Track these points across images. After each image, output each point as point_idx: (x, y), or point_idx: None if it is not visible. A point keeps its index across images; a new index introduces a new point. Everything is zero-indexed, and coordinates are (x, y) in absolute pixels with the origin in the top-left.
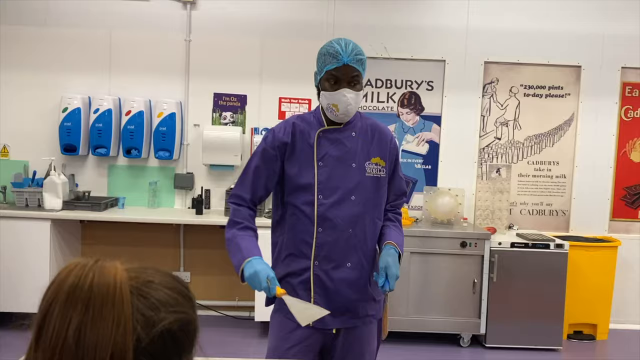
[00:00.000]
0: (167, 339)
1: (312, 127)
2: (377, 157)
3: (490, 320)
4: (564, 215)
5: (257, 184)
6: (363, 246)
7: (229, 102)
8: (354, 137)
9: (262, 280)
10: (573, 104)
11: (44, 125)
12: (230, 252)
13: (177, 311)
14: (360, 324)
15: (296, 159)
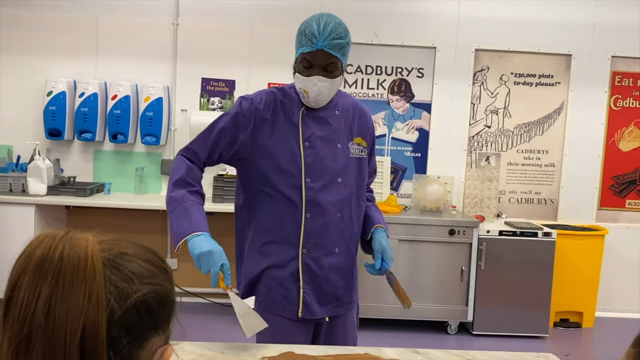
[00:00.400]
0: (141, 311)
1: (294, 104)
2: (359, 137)
3: (477, 308)
4: (552, 203)
5: (217, 146)
6: (350, 230)
7: (217, 88)
8: (337, 115)
9: (217, 264)
10: (563, 92)
11: (28, 109)
12: (173, 214)
13: (152, 283)
14: (345, 310)
15: (278, 137)
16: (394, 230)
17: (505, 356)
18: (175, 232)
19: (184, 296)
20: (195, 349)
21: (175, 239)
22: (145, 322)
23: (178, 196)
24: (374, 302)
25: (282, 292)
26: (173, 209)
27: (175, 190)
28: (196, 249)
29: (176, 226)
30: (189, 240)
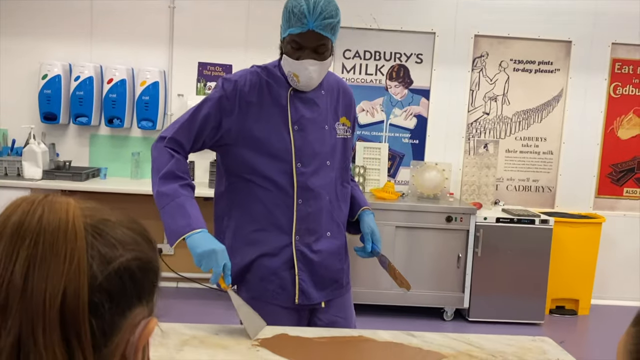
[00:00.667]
0: (125, 278)
1: (281, 85)
2: (344, 116)
3: (473, 295)
4: (550, 191)
5: (201, 134)
6: (339, 213)
7: (213, 72)
8: (323, 95)
9: (220, 264)
10: (562, 79)
11: (23, 93)
12: (166, 210)
13: (135, 250)
14: (344, 292)
15: (265, 121)
16: (391, 217)
17: (501, 339)
18: (170, 230)
19: (181, 281)
20: (188, 331)
21: (171, 236)
22: (128, 290)
23: (169, 191)
24: (369, 288)
25: (277, 281)
26: (165, 205)
27: (165, 185)
28: (198, 248)
29: (171, 223)
30: (188, 238)
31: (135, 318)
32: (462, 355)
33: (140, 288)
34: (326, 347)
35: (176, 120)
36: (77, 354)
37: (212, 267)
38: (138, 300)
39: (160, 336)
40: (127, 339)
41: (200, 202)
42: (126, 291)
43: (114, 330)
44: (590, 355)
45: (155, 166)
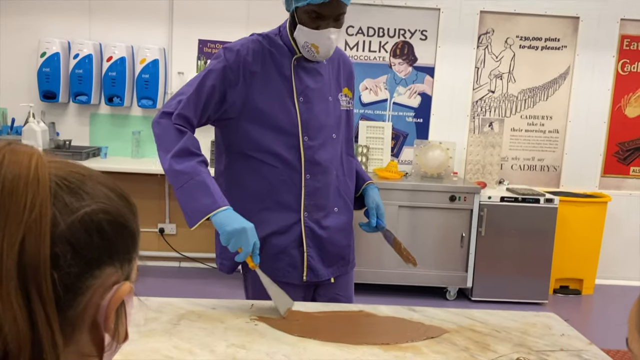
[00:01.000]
0: (91, 231)
1: (283, 54)
2: (346, 87)
3: (477, 274)
4: (555, 170)
5: (207, 108)
6: (346, 188)
7: (214, 49)
8: (325, 65)
9: (250, 243)
10: (569, 56)
11: (22, 71)
12: (186, 189)
13: (105, 204)
14: (349, 269)
15: (270, 92)
16: (394, 197)
17: (505, 315)
18: (192, 209)
19: (183, 261)
20: (186, 305)
21: (194, 215)
22: (95, 245)
23: (187, 169)
24: (372, 268)
25: (286, 259)
26: (184, 184)
27: (181, 162)
28: (227, 226)
29: (193, 202)
30: (215, 216)
31: (106, 280)
32: (465, 330)
33: (111, 246)
34: (326, 322)
35: (178, 93)
36: (36, 308)
37: (241, 245)
38: (109, 260)
39: (156, 311)
40: (97, 302)
41: None
42: (93, 246)
43: (81, 289)
44: (595, 334)
45: (163, 144)
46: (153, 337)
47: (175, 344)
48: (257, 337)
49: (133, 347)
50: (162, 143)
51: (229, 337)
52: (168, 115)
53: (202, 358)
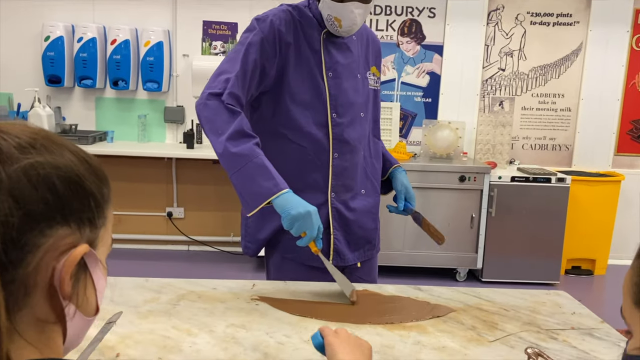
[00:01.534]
0: (40, 186)
1: (313, 27)
2: (374, 66)
3: (487, 255)
4: (567, 150)
5: (252, 84)
6: (372, 169)
7: (219, 31)
8: (355, 41)
9: (315, 227)
10: (582, 32)
11: (26, 56)
12: (244, 172)
13: (57, 159)
14: (374, 254)
15: (299, 66)
16: None
17: (514, 293)
18: (252, 192)
19: (192, 245)
20: (186, 286)
21: (255, 199)
22: (43, 199)
23: (245, 151)
24: (381, 249)
25: None
26: (242, 167)
27: (238, 145)
28: (292, 209)
29: (252, 185)
30: (278, 198)
31: (60, 241)
32: (472, 309)
33: (63, 205)
34: (331, 304)
35: (220, 72)
36: None
37: (306, 229)
38: (62, 219)
39: (156, 291)
40: (52, 265)
41: (209, 165)
42: (40, 200)
43: (28, 246)
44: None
45: (213, 126)
46: (151, 317)
47: (174, 324)
48: (258, 317)
49: (130, 327)
50: (213, 125)
51: (228, 317)
52: (215, 96)
53: (201, 338)
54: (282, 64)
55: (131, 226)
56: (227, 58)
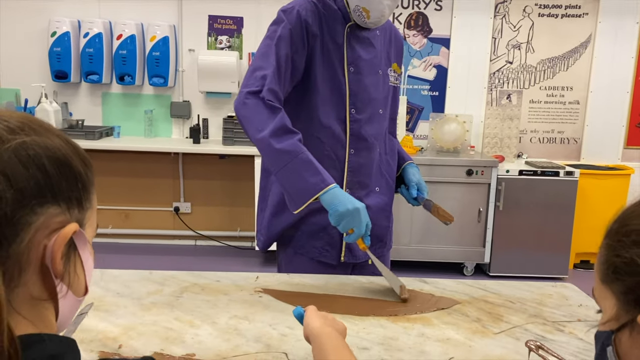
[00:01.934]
0: (29, 166)
1: (337, 19)
2: (395, 63)
3: (494, 249)
4: (576, 143)
5: (287, 79)
6: (387, 167)
7: (224, 25)
8: (378, 36)
9: (363, 224)
10: (591, 24)
11: (33, 52)
12: (291, 169)
13: (46, 141)
14: (386, 252)
15: (323, 59)
16: None
17: (520, 285)
18: (298, 189)
19: (199, 239)
20: (190, 278)
21: (300, 196)
22: (34, 178)
23: (289, 147)
24: None
25: (325, 238)
26: (287, 163)
27: (282, 141)
28: (340, 206)
29: (299, 181)
30: (326, 194)
31: (50, 219)
32: (477, 301)
33: (53, 184)
34: (334, 296)
35: (255, 68)
36: None
37: (353, 226)
38: (52, 198)
39: (160, 283)
40: (43, 243)
41: (215, 160)
42: (30, 179)
43: (20, 223)
44: None
45: (254, 124)
46: (154, 309)
47: (177, 316)
48: (261, 308)
49: (133, 319)
50: (253, 123)
51: (231, 309)
52: (254, 94)
53: (203, 330)
54: (309, 56)
55: (138, 221)
56: (259, 54)
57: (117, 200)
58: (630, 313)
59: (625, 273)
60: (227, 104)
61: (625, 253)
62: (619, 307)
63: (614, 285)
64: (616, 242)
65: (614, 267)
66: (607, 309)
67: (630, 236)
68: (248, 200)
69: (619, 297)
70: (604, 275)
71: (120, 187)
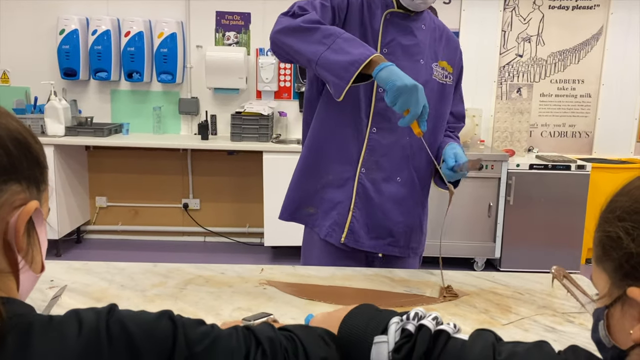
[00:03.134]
0: None
1: (378, 4)
2: (445, 61)
3: (505, 244)
4: (588, 137)
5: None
6: (416, 161)
7: (232, 21)
8: (423, 30)
9: (420, 104)
10: (602, 16)
11: (42, 50)
12: (333, 49)
13: (7, 123)
14: (403, 254)
15: (357, 35)
16: None
17: (529, 277)
18: (344, 62)
19: (208, 236)
20: (194, 270)
21: (346, 70)
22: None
23: (328, 29)
24: None
25: (335, 217)
26: (329, 46)
27: (320, 25)
28: (398, 80)
29: (340, 56)
30: (383, 71)
31: (12, 197)
32: (486, 292)
33: (14, 164)
34: (339, 287)
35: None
36: None
37: (410, 106)
38: (14, 177)
39: (164, 276)
40: (5, 219)
41: (223, 156)
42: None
43: None
44: None
45: (284, 27)
46: (158, 301)
47: (181, 307)
48: (265, 300)
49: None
50: (283, 30)
51: (235, 300)
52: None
53: (207, 321)
54: (345, 28)
55: (147, 218)
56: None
57: (126, 197)
58: (621, 287)
59: (612, 249)
60: (235, 100)
61: (611, 228)
62: (611, 284)
63: (606, 264)
64: (604, 221)
65: (603, 245)
66: (600, 288)
67: (615, 212)
68: (257, 196)
69: (610, 274)
70: (596, 255)
71: (129, 184)
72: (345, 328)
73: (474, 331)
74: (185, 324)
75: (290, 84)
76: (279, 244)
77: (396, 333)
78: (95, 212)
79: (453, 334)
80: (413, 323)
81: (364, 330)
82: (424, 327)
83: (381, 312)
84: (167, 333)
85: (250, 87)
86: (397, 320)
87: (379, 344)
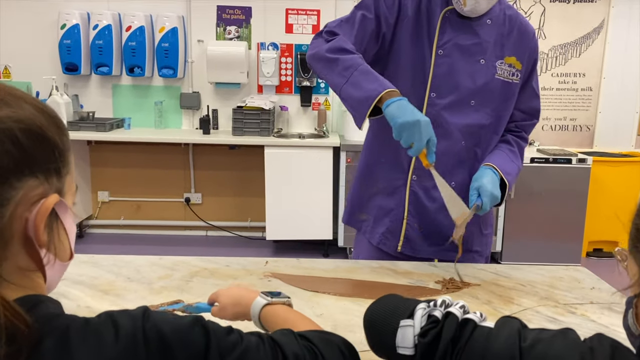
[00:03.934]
0: (3, 140)
1: (437, 2)
2: (513, 56)
3: (506, 238)
4: (589, 130)
5: (360, 37)
6: (473, 164)
7: (233, 15)
8: (488, 25)
9: (424, 139)
10: (603, 9)
11: (44, 44)
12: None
13: (19, 113)
14: (464, 259)
15: (412, 37)
16: None
17: (531, 269)
18: (358, 99)
19: (210, 230)
20: (199, 263)
21: (362, 104)
22: (9, 154)
23: (347, 61)
24: None
25: (387, 224)
26: (343, 68)
27: (341, 55)
28: (399, 117)
29: (356, 91)
30: (390, 107)
31: (29, 192)
32: (488, 284)
33: (29, 157)
34: (344, 279)
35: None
36: None
37: (414, 140)
38: (29, 171)
39: (170, 268)
40: (24, 216)
41: (225, 150)
42: (5, 155)
43: (2, 200)
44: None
45: (313, 54)
46: (165, 292)
47: (186, 299)
48: None
49: (143, 303)
50: (314, 55)
51: None
52: (317, 35)
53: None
54: (396, 29)
55: (149, 212)
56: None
57: (128, 192)
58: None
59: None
60: (236, 94)
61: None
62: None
63: (638, 255)
64: (636, 216)
65: (634, 236)
66: (632, 277)
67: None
68: (258, 191)
69: (639, 264)
70: (630, 247)
71: (131, 179)
72: (371, 313)
73: (500, 319)
74: (217, 332)
75: (292, 78)
76: (280, 237)
77: (422, 318)
78: (98, 206)
79: (479, 322)
80: (440, 310)
81: (391, 314)
82: (451, 314)
83: (408, 299)
84: (200, 340)
85: (252, 81)
86: (424, 306)
87: (405, 327)
